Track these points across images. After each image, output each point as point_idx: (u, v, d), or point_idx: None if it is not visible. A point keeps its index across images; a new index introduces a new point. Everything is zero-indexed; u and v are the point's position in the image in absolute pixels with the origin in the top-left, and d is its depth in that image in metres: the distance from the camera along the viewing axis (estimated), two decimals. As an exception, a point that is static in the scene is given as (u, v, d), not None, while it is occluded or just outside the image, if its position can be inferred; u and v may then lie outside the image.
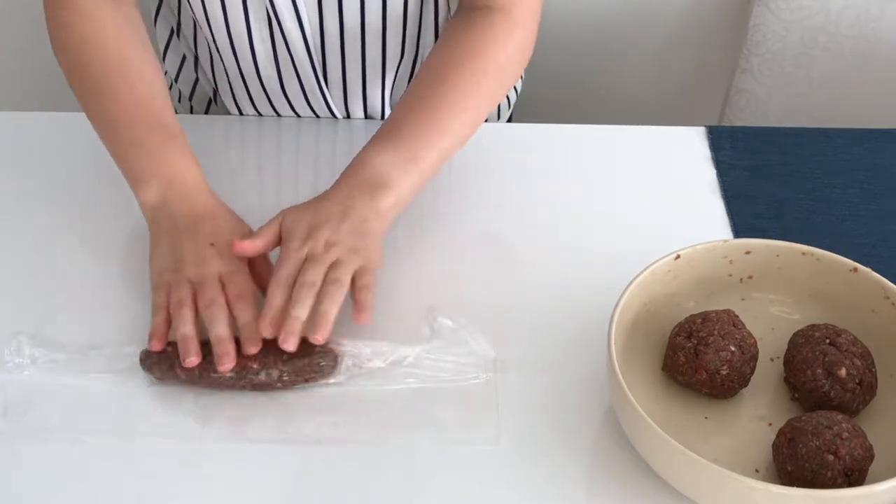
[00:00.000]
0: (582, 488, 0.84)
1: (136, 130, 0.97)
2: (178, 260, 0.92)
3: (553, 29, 1.61)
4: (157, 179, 0.95)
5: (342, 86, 1.16)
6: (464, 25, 1.04)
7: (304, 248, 0.91)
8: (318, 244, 0.91)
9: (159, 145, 0.97)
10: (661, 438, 0.77)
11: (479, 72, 1.01)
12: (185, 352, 0.87)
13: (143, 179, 0.96)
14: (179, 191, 0.95)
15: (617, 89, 1.70)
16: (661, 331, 0.90)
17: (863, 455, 0.79)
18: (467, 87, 1.00)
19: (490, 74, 1.01)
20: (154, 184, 0.95)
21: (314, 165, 1.15)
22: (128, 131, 0.98)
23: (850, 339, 0.85)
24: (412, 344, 0.91)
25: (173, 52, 1.24)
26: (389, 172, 0.95)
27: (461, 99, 1.00)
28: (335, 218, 0.93)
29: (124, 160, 0.98)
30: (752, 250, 0.91)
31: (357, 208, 0.93)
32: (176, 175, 0.96)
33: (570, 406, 0.88)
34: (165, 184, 0.95)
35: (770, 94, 1.50)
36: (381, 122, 1.18)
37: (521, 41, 1.04)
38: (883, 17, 1.41)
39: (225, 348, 0.87)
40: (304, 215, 0.94)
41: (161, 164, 0.96)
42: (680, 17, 1.61)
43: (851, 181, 1.11)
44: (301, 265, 0.90)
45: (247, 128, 1.18)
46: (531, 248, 1.03)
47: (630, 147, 1.16)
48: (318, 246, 0.91)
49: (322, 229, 0.92)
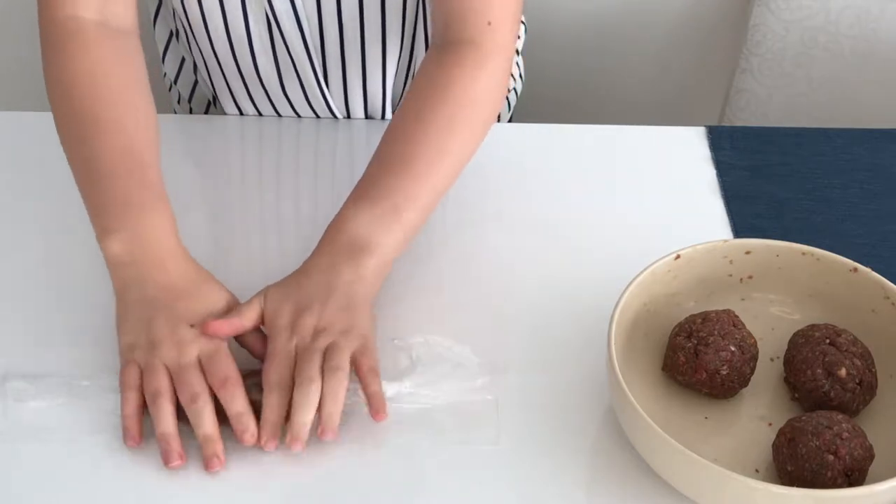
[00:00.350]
0: (582, 488, 0.84)
1: (116, 180, 0.90)
2: (152, 339, 0.85)
3: (553, 29, 1.61)
4: (127, 234, 0.88)
5: (342, 86, 1.16)
6: (434, 65, 0.99)
7: (291, 341, 0.85)
8: (305, 335, 0.85)
9: (138, 200, 0.90)
10: (661, 438, 0.77)
11: (453, 114, 0.96)
12: (167, 453, 0.82)
13: (113, 230, 0.88)
14: (152, 254, 0.88)
15: (617, 89, 1.70)
16: (661, 331, 0.90)
17: (863, 455, 0.79)
18: (442, 133, 0.95)
19: (465, 114, 0.96)
20: (124, 237, 0.88)
21: (314, 165, 1.15)
22: (107, 179, 0.91)
23: (850, 339, 0.85)
24: (397, 379, 0.88)
25: (173, 54, 1.24)
26: (370, 233, 0.90)
27: (437, 146, 0.94)
28: (319, 299, 0.87)
29: (96, 207, 0.91)
30: (752, 250, 0.91)
31: (341, 280, 0.88)
32: (150, 236, 0.89)
33: (570, 406, 0.88)
34: (137, 242, 0.88)
35: (770, 94, 1.50)
36: (382, 121, 1.19)
37: (493, 72, 0.98)
38: (883, 17, 1.41)
39: (213, 449, 0.82)
40: (286, 298, 0.88)
41: (137, 220, 0.89)
42: (680, 17, 1.61)
43: (851, 181, 1.11)
44: (292, 360, 0.84)
45: (247, 128, 1.18)
46: (531, 248, 1.03)
47: (630, 147, 1.16)
48: (306, 337, 0.85)
49: (307, 315, 0.86)
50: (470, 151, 0.97)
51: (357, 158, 1.16)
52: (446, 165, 0.95)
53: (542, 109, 1.65)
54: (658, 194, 1.09)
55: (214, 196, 1.09)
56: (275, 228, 1.06)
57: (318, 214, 1.05)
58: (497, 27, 0.98)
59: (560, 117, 1.24)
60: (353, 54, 1.13)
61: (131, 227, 0.89)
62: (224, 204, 1.08)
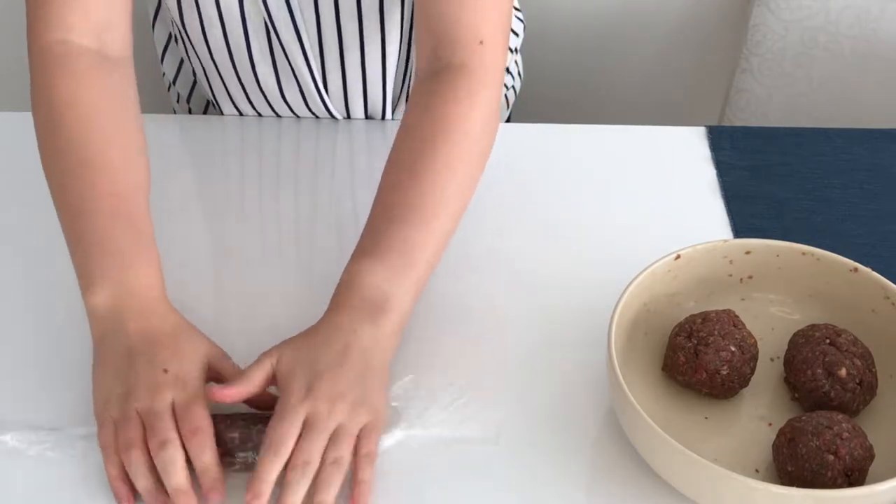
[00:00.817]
0: (582, 488, 0.84)
1: (103, 224, 0.87)
2: (127, 389, 0.81)
3: (553, 29, 1.61)
4: (112, 283, 0.85)
5: (342, 89, 1.16)
6: (425, 99, 0.95)
7: (303, 405, 0.81)
8: (319, 404, 0.81)
9: (124, 247, 0.86)
10: (661, 438, 0.77)
11: (451, 156, 0.92)
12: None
13: (97, 280, 0.85)
14: (137, 304, 0.84)
15: (617, 89, 1.70)
16: (661, 331, 0.90)
17: (863, 455, 0.78)
18: (442, 175, 0.92)
19: (462, 151, 0.93)
20: (108, 287, 0.84)
21: (314, 166, 1.15)
22: (92, 222, 0.87)
23: (850, 339, 0.85)
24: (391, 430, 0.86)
25: (171, 55, 1.24)
26: (386, 290, 0.87)
27: (440, 193, 0.91)
28: (336, 363, 0.83)
29: (80, 253, 0.87)
30: (752, 250, 0.91)
31: (359, 344, 0.84)
32: (136, 286, 0.85)
33: (570, 406, 0.88)
34: (121, 292, 0.85)
35: (770, 94, 1.50)
36: (382, 121, 1.19)
37: (488, 102, 0.95)
38: (883, 17, 1.41)
39: (185, 502, 0.78)
40: (301, 360, 0.83)
41: (122, 269, 0.85)
42: (680, 17, 1.61)
43: (851, 181, 1.11)
44: (300, 425, 0.80)
45: (246, 128, 1.18)
46: (531, 248, 1.03)
47: (630, 147, 1.16)
48: (319, 407, 0.81)
49: (323, 380, 0.82)
50: (472, 188, 0.94)
51: (357, 158, 1.16)
52: (451, 207, 0.92)
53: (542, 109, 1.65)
54: (658, 194, 1.09)
55: (213, 196, 1.09)
56: (274, 229, 1.06)
57: (317, 215, 1.05)
58: (489, 46, 0.95)
59: (560, 117, 1.24)
60: (352, 58, 1.13)
61: (115, 277, 0.85)
62: (223, 204, 1.08)
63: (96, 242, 0.86)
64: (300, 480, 0.78)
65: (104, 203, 0.88)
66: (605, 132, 1.18)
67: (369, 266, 0.88)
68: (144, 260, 0.87)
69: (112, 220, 0.87)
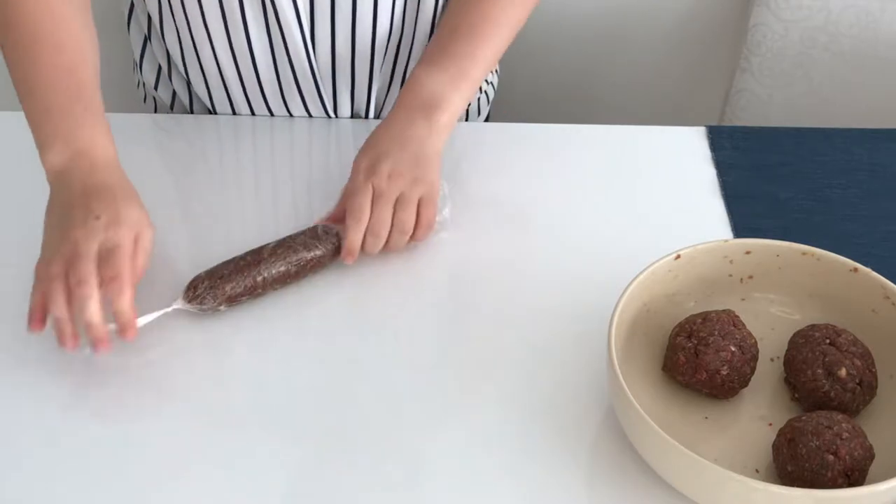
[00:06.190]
0: (582, 488, 0.84)
1: (54, 97, 0.95)
2: (62, 232, 0.89)
3: (553, 29, 1.61)
4: (63, 146, 0.93)
5: (350, 103, 1.19)
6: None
7: (368, 181, 0.97)
8: (381, 180, 0.97)
9: (74, 115, 0.94)
10: (661, 438, 0.77)
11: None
12: (59, 335, 0.86)
13: (49, 144, 0.93)
14: (85, 164, 0.92)
15: (617, 89, 1.70)
16: (661, 331, 0.90)
17: (863, 455, 0.78)
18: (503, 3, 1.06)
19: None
20: (60, 149, 0.93)
21: (309, 164, 1.15)
22: (45, 98, 0.95)
23: (850, 339, 0.85)
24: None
25: (148, 63, 1.23)
26: (441, 93, 1.02)
27: (498, 14, 1.06)
28: (396, 147, 0.99)
29: (36, 125, 0.95)
30: (752, 250, 0.91)
31: (416, 132, 1.00)
32: (84, 147, 0.93)
33: (570, 406, 0.88)
34: (72, 153, 0.93)
35: (770, 94, 1.50)
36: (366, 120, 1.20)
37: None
38: (883, 17, 1.41)
39: (96, 333, 0.86)
40: (367, 148, 1.01)
41: (72, 132, 0.93)
42: (680, 17, 1.61)
43: (851, 181, 1.11)
44: (370, 197, 0.97)
45: (241, 127, 1.18)
46: (531, 248, 1.03)
47: (630, 147, 1.16)
48: (381, 181, 0.97)
49: (383, 161, 0.98)
50: (523, 20, 1.09)
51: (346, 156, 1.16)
52: (505, 32, 1.07)
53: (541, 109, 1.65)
54: (658, 194, 1.09)
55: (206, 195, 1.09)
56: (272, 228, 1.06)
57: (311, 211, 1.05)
58: None
59: (560, 117, 1.24)
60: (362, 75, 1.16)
61: (65, 137, 0.93)
62: (216, 203, 1.08)
63: (49, 114, 0.94)
64: (375, 242, 0.97)
65: (52, 75, 0.95)
66: (606, 132, 1.18)
67: (428, 74, 1.04)
68: (91, 122, 0.95)
69: (61, 90, 0.95)
